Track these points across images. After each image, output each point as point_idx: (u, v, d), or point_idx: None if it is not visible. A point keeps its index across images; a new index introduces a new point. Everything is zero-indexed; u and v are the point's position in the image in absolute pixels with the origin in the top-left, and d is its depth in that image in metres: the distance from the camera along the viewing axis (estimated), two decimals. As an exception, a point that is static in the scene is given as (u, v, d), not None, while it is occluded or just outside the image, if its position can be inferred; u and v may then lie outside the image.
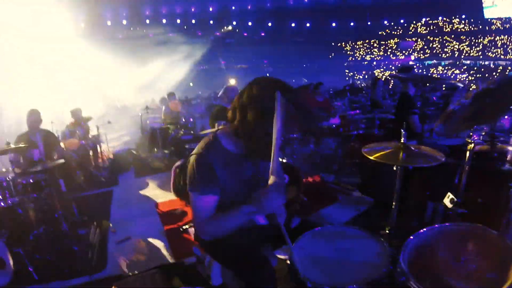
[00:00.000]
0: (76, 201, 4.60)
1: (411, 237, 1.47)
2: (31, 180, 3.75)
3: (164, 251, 3.52)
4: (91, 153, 6.91)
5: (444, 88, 10.30)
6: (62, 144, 6.22)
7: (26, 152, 4.27)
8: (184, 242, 3.65)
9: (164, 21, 23.68)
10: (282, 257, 2.12)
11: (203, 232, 1.70)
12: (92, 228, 4.02)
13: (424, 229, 1.51)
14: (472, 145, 2.08)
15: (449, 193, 2.28)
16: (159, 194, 5.34)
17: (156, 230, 4.04)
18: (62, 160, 4.07)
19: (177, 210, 4.50)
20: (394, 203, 2.28)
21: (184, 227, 3.93)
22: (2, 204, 3.39)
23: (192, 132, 7.49)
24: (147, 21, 23.07)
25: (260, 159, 1.74)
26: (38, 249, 3.41)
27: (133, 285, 2.54)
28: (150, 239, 3.81)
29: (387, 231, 2.35)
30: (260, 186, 1.67)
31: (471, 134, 2.07)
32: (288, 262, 1.54)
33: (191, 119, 8.09)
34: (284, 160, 4.40)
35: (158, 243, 3.71)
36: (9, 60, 9.21)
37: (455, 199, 2.21)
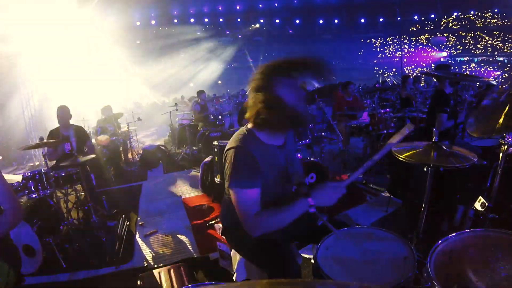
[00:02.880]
0: (106, 195, 4.71)
1: (439, 242, 1.39)
2: (63, 174, 3.88)
3: (190, 246, 3.52)
4: (121, 148, 7.08)
5: (477, 87, 9.88)
6: (93, 140, 6.41)
7: (58, 147, 4.40)
8: (209, 237, 3.64)
9: (192, 20, 23.95)
10: (306, 256, 2.06)
11: (256, 227, 1.59)
12: (120, 221, 4.10)
13: (453, 234, 1.43)
14: (506, 146, 1.94)
15: (480, 197, 2.15)
16: (186, 190, 5.39)
17: (183, 225, 4.06)
18: (93, 155, 4.17)
19: (203, 205, 4.52)
20: (423, 206, 2.16)
21: (210, 222, 3.92)
22: (34, 195, 3.51)
23: (220, 129, 7.52)
24: (175, 21, 23.39)
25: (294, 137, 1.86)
26: (68, 239, 3.51)
27: (158, 277, 2.55)
28: (177, 234, 3.83)
29: (415, 234, 2.24)
30: (290, 174, 1.79)
31: (504, 135, 1.93)
32: (313, 261, 1.48)
33: (220, 117, 8.13)
34: (312, 159, 4.32)
35: (184, 238, 3.72)
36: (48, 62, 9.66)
37: (487, 204, 2.08)
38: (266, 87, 1.57)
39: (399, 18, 28.07)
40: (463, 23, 28.77)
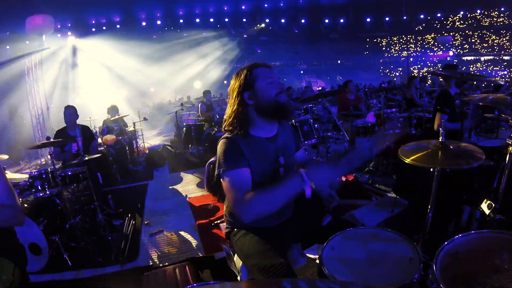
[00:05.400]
0: (112, 194, 4.75)
1: (445, 243, 1.38)
2: (69, 173, 3.91)
3: (195, 245, 3.53)
4: (127, 148, 7.11)
5: (483, 87, 9.78)
6: (100, 139, 6.45)
7: (65, 146, 4.43)
8: (215, 237, 3.64)
9: (197, 20, 23.97)
10: (312, 256, 2.05)
11: (249, 208, 1.52)
12: (126, 220, 4.12)
13: (459, 235, 1.41)
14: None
15: (486, 198, 2.12)
16: (192, 189, 5.40)
17: (188, 224, 4.07)
18: (99, 154, 4.19)
19: (209, 205, 4.52)
20: (429, 207, 2.14)
21: (215, 222, 3.92)
22: (41, 194, 3.53)
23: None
24: (181, 21, 23.45)
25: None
26: (74, 237, 3.53)
27: (163, 276, 2.56)
28: (182, 233, 3.85)
29: (420, 235, 2.21)
30: (281, 164, 1.84)
31: (511, 135, 1.90)
32: (318, 261, 1.47)
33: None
34: (318, 159, 4.30)
35: (190, 237, 3.73)
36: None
37: (493, 205, 2.06)
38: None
39: (405, 17, 27.82)
40: (470, 22, 28.48)
